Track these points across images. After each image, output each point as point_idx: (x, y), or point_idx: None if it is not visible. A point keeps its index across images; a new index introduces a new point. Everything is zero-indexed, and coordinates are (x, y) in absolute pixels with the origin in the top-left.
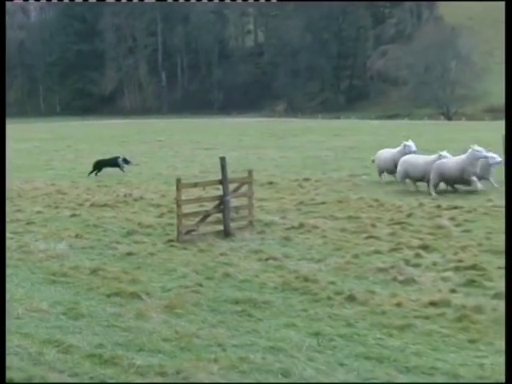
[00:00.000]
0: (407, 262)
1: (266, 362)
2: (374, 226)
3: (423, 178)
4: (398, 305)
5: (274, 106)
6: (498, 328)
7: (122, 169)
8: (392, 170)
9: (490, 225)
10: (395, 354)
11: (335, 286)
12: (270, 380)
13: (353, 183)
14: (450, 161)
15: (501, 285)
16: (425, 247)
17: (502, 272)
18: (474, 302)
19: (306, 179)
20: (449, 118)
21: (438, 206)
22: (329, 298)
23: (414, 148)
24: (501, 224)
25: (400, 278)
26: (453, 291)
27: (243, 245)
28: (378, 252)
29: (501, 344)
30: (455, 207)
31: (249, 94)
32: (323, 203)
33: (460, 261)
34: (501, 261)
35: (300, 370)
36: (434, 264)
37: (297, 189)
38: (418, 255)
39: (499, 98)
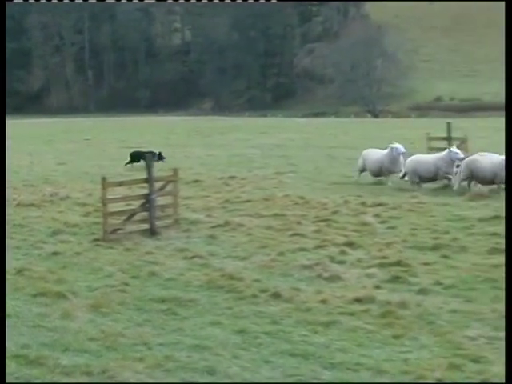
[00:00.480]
0: (332, 259)
1: (191, 360)
2: (299, 223)
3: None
4: (323, 301)
5: (201, 104)
6: (422, 323)
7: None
8: (377, 172)
9: (415, 221)
10: (320, 350)
11: (260, 284)
12: (196, 379)
13: (279, 181)
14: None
15: (425, 280)
16: (350, 244)
17: (427, 268)
18: (398, 298)
19: (232, 177)
20: (375, 116)
21: (363, 203)
22: (254, 296)
23: (402, 149)
24: (425, 220)
25: (325, 274)
26: (377, 287)
27: (169, 243)
28: (303, 249)
29: (425, 339)
30: (380, 204)
31: (176, 92)
32: (249, 201)
33: (385, 257)
34: (425, 257)
35: (225, 368)
36: (359, 261)
37: (222, 187)
38: (342, 252)
39: (425, 95)
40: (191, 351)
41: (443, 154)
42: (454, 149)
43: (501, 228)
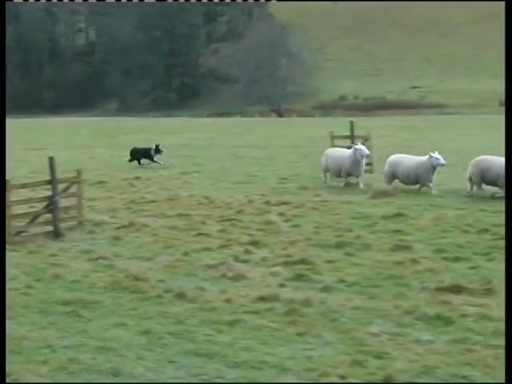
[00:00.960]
0: (236, 258)
1: (95, 362)
2: (204, 223)
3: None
4: (228, 301)
5: (106, 105)
6: (325, 320)
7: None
8: (338, 173)
9: (318, 219)
10: (224, 349)
11: (165, 284)
12: (101, 381)
13: (183, 181)
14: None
15: (329, 278)
16: (254, 243)
17: (330, 265)
18: (302, 296)
19: (137, 178)
20: (280, 115)
21: (268, 202)
22: (158, 296)
23: (366, 152)
24: (328, 218)
25: (229, 274)
26: (282, 286)
27: (73, 245)
28: (207, 249)
29: (328, 336)
30: (284, 203)
31: (81, 93)
32: (153, 201)
33: (289, 255)
34: (329, 254)
35: (130, 369)
36: (264, 259)
37: (127, 187)
38: (247, 251)
39: (329, 94)
40: (96, 353)
41: (424, 158)
42: (434, 154)
43: (403, 225)
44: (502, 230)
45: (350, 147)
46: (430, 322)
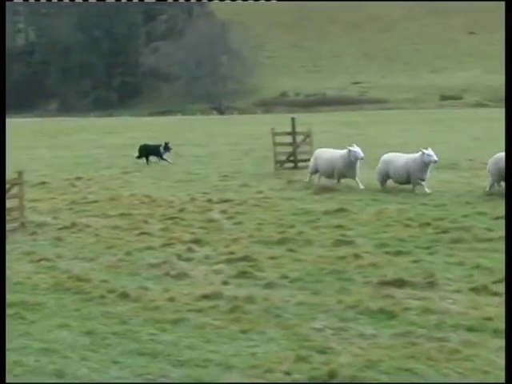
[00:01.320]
0: (179, 257)
1: (39, 364)
2: (146, 222)
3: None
4: (171, 299)
5: (46, 106)
6: (269, 317)
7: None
8: (329, 175)
9: (261, 216)
10: (168, 348)
11: (108, 284)
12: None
13: (125, 180)
14: None
15: (272, 275)
16: (197, 241)
17: (273, 262)
18: (245, 293)
19: (78, 178)
20: (221, 113)
21: (210, 200)
22: (102, 297)
23: (361, 154)
24: (271, 215)
25: (172, 272)
26: (225, 283)
27: (15, 247)
28: (150, 248)
29: (272, 332)
30: (226, 200)
31: (21, 94)
32: (95, 202)
33: (231, 253)
34: (272, 251)
35: (73, 370)
36: (206, 257)
37: (69, 188)
38: (190, 249)
39: (270, 91)
40: (39, 355)
41: (416, 155)
42: (427, 151)
43: (345, 220)
44: (444, 224)
45: (291, 144)
46: (374, 316)
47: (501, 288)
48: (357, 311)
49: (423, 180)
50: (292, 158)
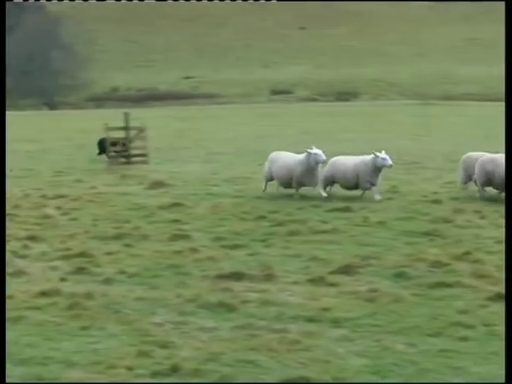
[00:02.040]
0: (15, 254)
1: None
2: None
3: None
4: (10, 297)
5: None
6: (108, 313)
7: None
8: (286, 183)
9: (96, 212)
10: (9, 347)
11: None
12: None
13: None
14: None
15: (109, 270)
16: (32, 238)
17: (110, 257)
18: (83, 289)
19: None
20: (53, 108)
21: (44, 196)
22: None
23: (323, 157)
24: (106, 210)
25: (9, 270)
26: (63, 280)
27: None
28: None
29: (112, 328)
30: (61, 196)
31: None
32: None
33: (68, 249)
34: (108, 246)
35: None
36: (43, 254)
37: None
38: (25, 246)
39: (102, 86)
40: None
41: (367, 158)
42: (380, 153)
43: (181, 215)
44: (279, 217)
45: (124, 139)
46: (213, 310)
47: (337, 279)
48: (196, 305)
49: (374, 185)
50: (126, 154)
